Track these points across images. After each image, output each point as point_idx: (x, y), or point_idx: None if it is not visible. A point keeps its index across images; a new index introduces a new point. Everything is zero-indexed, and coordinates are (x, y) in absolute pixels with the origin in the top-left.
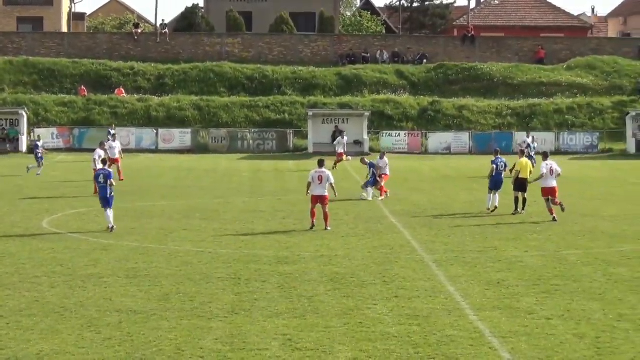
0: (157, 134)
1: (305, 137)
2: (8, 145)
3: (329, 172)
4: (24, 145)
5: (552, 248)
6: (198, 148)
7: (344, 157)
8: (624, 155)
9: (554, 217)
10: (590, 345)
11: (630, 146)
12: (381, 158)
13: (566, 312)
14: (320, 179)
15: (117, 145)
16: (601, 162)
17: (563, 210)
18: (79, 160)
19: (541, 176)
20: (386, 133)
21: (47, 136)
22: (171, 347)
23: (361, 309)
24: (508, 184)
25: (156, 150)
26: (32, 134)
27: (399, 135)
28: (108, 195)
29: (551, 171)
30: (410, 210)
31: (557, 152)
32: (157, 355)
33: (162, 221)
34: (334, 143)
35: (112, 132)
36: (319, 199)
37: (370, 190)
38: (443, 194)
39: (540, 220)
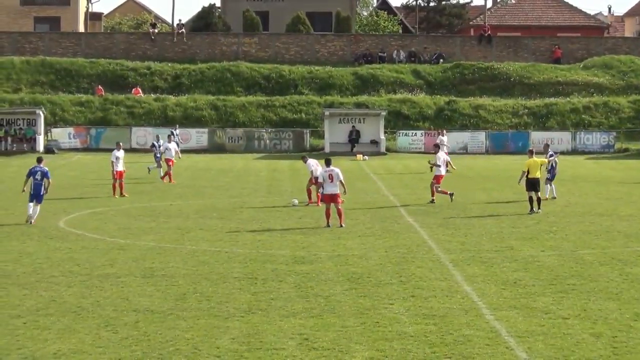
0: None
1: (321, 136)
2: (25, 145)
3: (338, 170)
4: (40, 145)
5: (568, 247)
6: (214, 148)
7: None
8: None
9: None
10: (607, 345)
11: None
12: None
13: (582, 312)
14: (331, 177)
15: (172, 147)
16: (617, 162)
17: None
18: (96, 160)
19: None
20: (403, 133)
21: (63, 136)
22: (188, 347)
23: (378, 309)
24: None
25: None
26: (49, 134)
27: (415, 134)
28: (41, 192)
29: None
30: (427, 209)
31: (574, 152)
32: (173, 355)
33: (178, 221)
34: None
35: (176, 132)
36: (332, 198)
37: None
38: (459, 194)
39: (556, 219)
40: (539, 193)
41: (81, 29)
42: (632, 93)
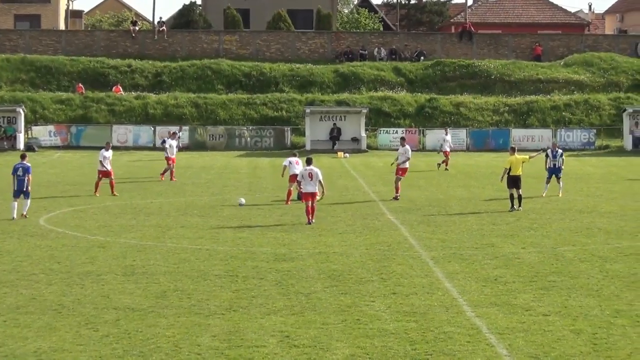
0: (154, 131)
1: (302, 134)
2: (5, 143)
3: (317, 169)
4: (21, 143)
5: (549, 244)
6: (195, 145)
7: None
8: (621, 151)
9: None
10: (587, 341)
11: (627, 142)
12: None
13: (563, 309)
14: (310, 176)
15: (174, 144)
16: (598, 159)
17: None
18: (76, 158)
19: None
20: (384, 130)
21: (44, 134)
22: (169, 344)
23: (358, 306)
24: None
25: (153, 148)
26: (29, 132)
27: (396, 132)
28: (25, 188)
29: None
30: (408, 207)
31: None
32: (154, 353)
33: (159, 218)
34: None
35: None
36: (311, 196)
37: None
38: (440, 191)
39: (537, 216)
40: (520, 190)
41: (62, 26)
42: (613, 90)
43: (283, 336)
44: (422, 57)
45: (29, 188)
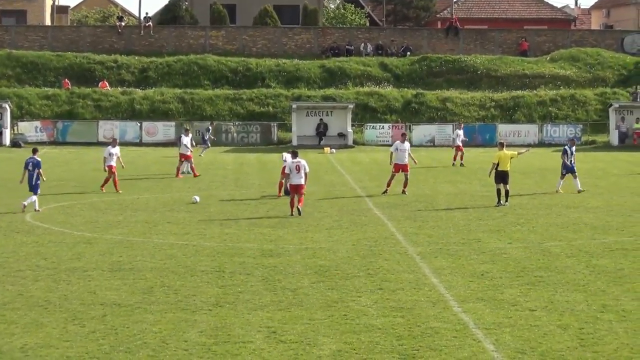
0: (140, 127)
1: (289, 129)
2: None
3: (304, 162)
4: (7, 139)
5: (535, 240)
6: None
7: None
8: (607, 147)
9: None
10: (574, 336)
11: (613, 138)
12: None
13: (550, 304)
14: (298, 168)
15: (188, 141)
16: (584, 154)
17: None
18: (63, 154)
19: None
20: (370, 125)
21: (30, 130)
22: (155, 340)
23: (345, 301)
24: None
25: (140, 144)
26: (15, 128)
27: (382, 127)
28: (34, 182)
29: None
30: (394, 202)
31: (541, 144)
32: (141, 349)
33: (146, 214)
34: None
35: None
36: (298, 188)
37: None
38: (427, 186)
39: (524, 211)
40: (508, 186)
41: (48, 22)
42: (599, 86)
43: (270, 332)
44: (408, 53)
45: (38, 182)
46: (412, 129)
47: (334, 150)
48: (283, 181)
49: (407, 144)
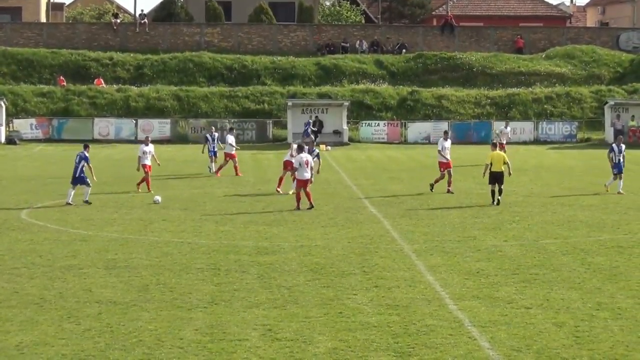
0: (136, 124)
1: (284, 127)
2: None
3: (309, 156)
4: (2, 136)
5: (530, 237)
6: (177, 138)
7: None
8: (602, 144)
9: None
10: (569, 334)
11: (609, 135)
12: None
13: (545, 301)
14: (307, 163)
15: (231, 140)
16: (580, 152)
17: None
18: (58, 151)
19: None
20: (365, 123)
21: (25, 127)
22: (151, 338)
23: (341, 299)
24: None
25: (135, 141)
26: (10, 125)
27: (378, 125)
28: (76, 174)
29: None
30: (390, 200)
31: (536, 142)
32: (137, 346)
33: (141, 212)
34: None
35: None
36: (305, 182)
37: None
38: (422, 184)
39: (519, 209)
40: (502, 185)
41: (43, 19)
42: (594, 83)
43: (265, 329)
44: (404, 50)
45: (82, 175)
46: (407, 127)
47: (329, 147)
48: (285, 176)
49: (449, 142)
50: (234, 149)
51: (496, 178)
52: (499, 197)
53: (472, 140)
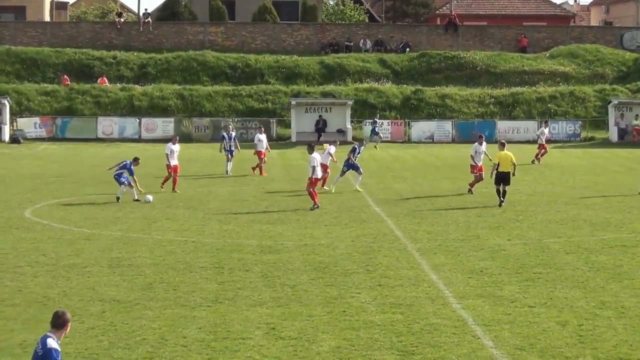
0: (140, 123)
1: (288, 126)
2: None
3: (318, 155)
4: (6, 135)
5: (534, 236)
6: (181, 137)
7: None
8: (606, 143)
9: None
10: (573, 333)
11: (613, 134)
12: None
13: (549, 300)
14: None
15: (263, 138)
16: (583, 151)
17: None
18: (62, 150)
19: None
20: (369, 122)
21: (29, 126)
22: (155, 337)
23: (344, 298)
24: None
25: (139, 140)
26: (14, 124)
27: (382, 124)
28: (114, 175)
29: None
30: (394, 198)
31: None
32: (140, 345)
33: (145, 210)
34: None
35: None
36: (317, 181)
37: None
38: (426, 183)
39: (522, 208)
40: (507, 187)
41: (47, 18)
42: (598, 82)
43: (269, 328)
44: (407, 49)
45: (116, 175)
46: (411, 126)
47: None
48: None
49: (484, 145)
50: (265, 148)
51: (503, 178)
52: (503, 199)
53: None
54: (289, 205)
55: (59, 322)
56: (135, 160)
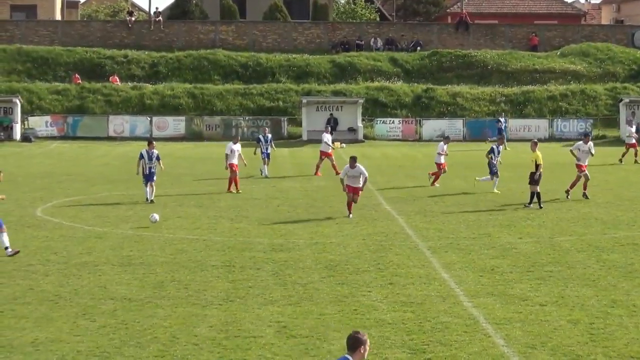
0: (151, 121)
1: (299, 124)
2: (2, 134)
3: (363, 168)
4: (17, 134)
5: (545, 234)
6: (192, 136)
7: None
8: (618, 141)
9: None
10: (584, 331)
11: (624, 133)
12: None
13: (560, 299)
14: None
15: (328, 138)
16: (594, 149)
17: None
18: (73, 149)
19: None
20: (380, 120)
21: (40, 124)
22: (166, 335)
23: (355, 296)
24: None
25: (150, 138)
26: (26, 122)
27: (393, 122)
28: (147, 172)
29: None
30: (405, 197)
31: (551, 139)
32: (151, 343)
33: (156, 209)
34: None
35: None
36: (355, 190)
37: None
38: (437, 181)
39: (534, 206)
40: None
41: (58, 17)
42: (609, 80)
43: (280, 326)
44: (418, 48)
45: (152, 171)
46: (422, 124)
47: (344, 145)
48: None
49: (590, 144)
50: (330, 147)
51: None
52: (535, 200)
53: (487, 137)
54: (300, 203)
55: (348, 344)
56: (149, 144)
